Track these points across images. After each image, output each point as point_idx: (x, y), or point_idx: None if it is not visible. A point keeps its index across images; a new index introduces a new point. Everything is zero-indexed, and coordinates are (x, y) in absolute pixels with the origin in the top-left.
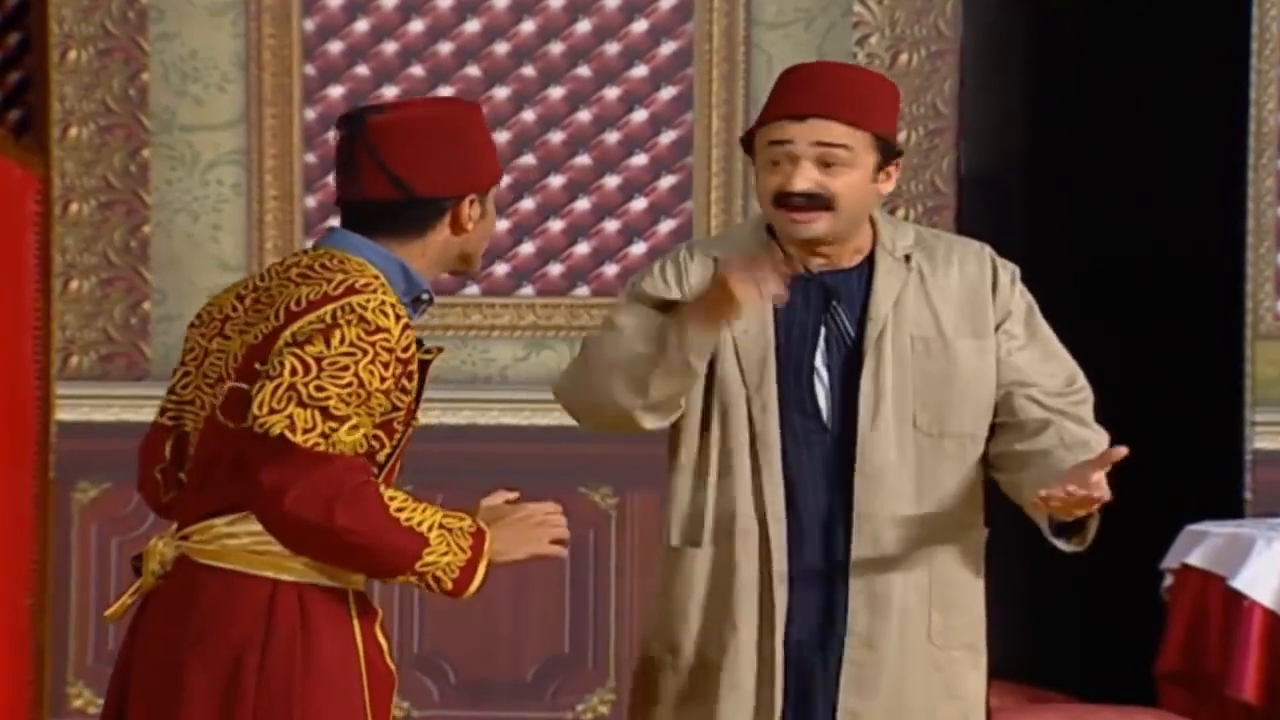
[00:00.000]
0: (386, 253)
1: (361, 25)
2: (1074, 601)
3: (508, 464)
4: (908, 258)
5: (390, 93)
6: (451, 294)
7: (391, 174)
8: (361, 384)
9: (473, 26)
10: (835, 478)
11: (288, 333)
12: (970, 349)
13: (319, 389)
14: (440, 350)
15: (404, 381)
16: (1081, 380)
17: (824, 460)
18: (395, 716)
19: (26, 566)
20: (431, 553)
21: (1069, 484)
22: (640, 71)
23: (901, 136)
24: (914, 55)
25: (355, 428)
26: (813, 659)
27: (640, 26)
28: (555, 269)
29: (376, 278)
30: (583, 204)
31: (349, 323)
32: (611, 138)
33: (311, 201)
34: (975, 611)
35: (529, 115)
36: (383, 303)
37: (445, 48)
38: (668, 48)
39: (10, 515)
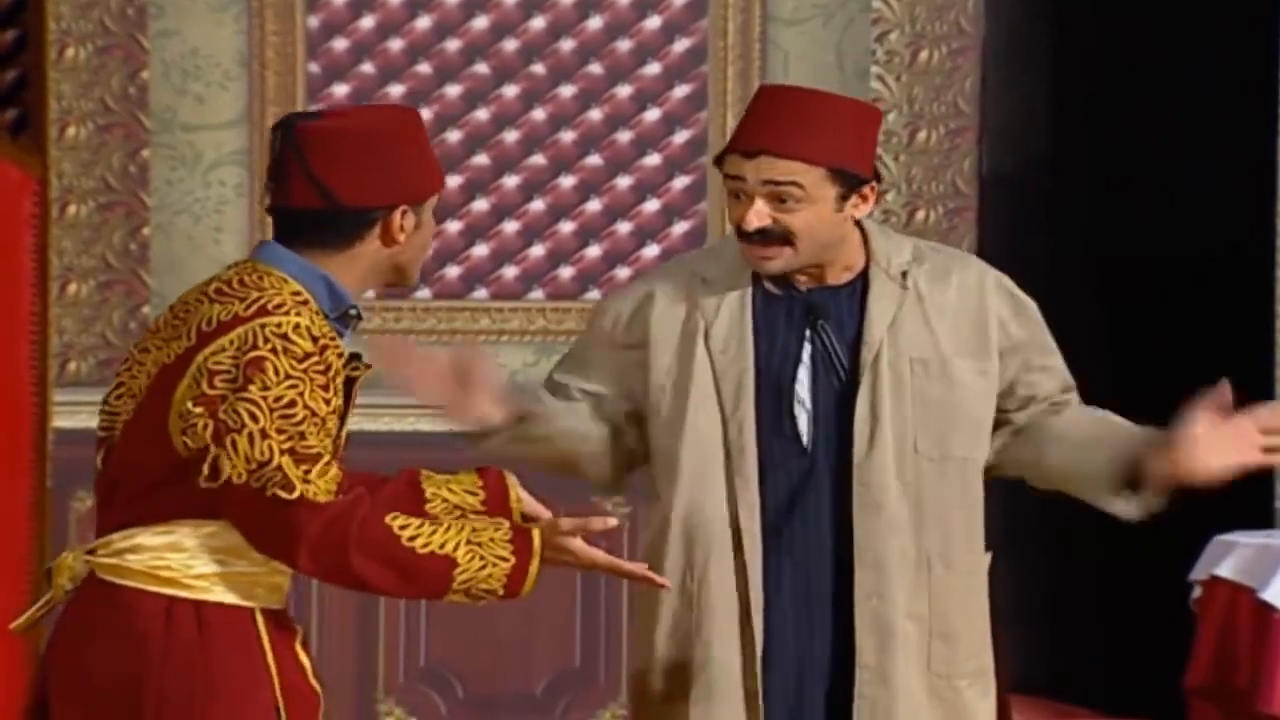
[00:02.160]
0: (311, 266)
1: (367, 22)
2: (1099, 614)
3: (518, 472)
4: (904, 274)
5: (397, 91)
6: (460, 298)
7: (318, 182)
8: (315, 414)
9: (481, 23)
10: (819, 504)
11: (200, 356)
12: (969, 370)
13: (279, 430)
14: (370, 367)
15: (335, 402)
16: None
17: (804, 485)
18: None
19: (23, 576)
20: (464, 570)
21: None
22: (653, 69)
23: (922, 136)
24: (934, 52)
25: (328, 463)
26: (803, 687)
27: (653, 23)
28: (566, 272)
29: (296, 294)
30: (594, 205)
31: (274, 352)
32: (624, 137)
33: None
34: (979, 639)
35: (539, 114)
36: (298, 325)
37: (453, 45)
38: (681, 45)
39: (7, 524)
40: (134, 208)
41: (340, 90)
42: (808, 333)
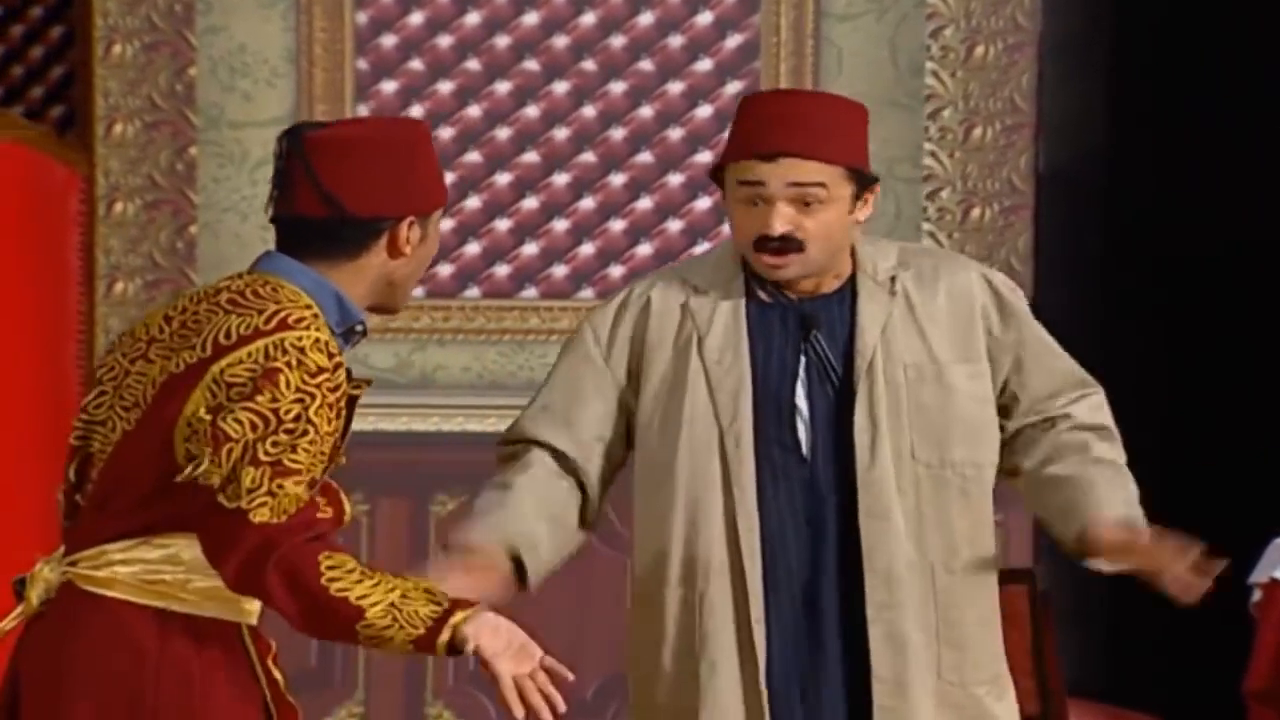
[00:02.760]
0: (321, 279)
1: (415, 18)
2: (1156, 617)
3: None
4: (892, 280)
5: (445, 88)
6: (508, 297)
7: (324, 191)
8: (317, 431)
9: (531, 19)
10: (822, 513)
11: (215, 368)
12: (963, 374)
13: (277, 445)
14: (369, 383)
15: (336, 423)
16: (1081, 382)
17: (805, 495)
18: None
19: None
20: (368, 625)
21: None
22: (705, 65)
23: (977, 132)
24: (991, 48)
25: (307, 481)
26: (814, 701)
27: (705, 19)
28: (616, 270)
29: (309, 308)
30: (644, 203)
31: (289, 365)
32: (674, 134)
33: None
34: (992, 647)
35: (589, 110)
36: (317, 340)
37: (502, 41)
38: (733, 41)
39: (55, 520)
40: (181, 206)
41: (389, 87)
42: (802, 343)
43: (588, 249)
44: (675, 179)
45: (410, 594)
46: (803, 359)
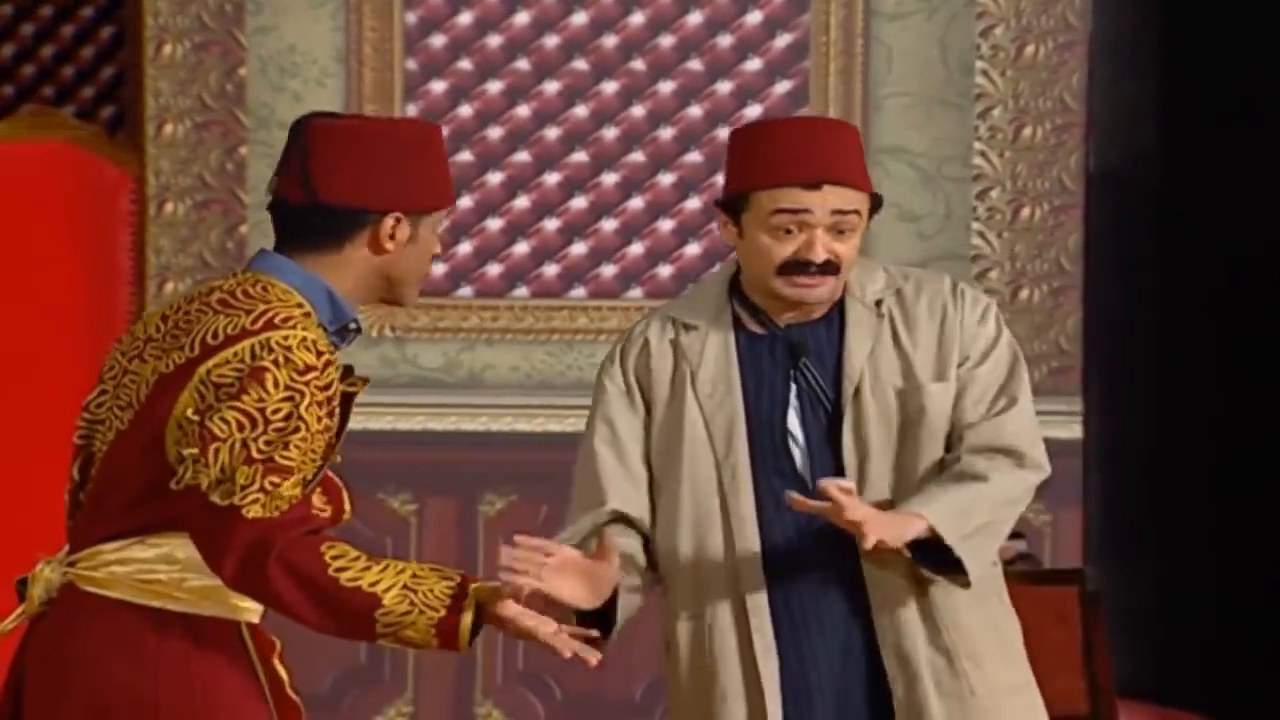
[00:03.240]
0: (312, 276)
1: (465, 18)
2: (1207, 618)
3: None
4: (878, 303)
5: (495, 87)
6: (556, 297)
7: (306, 176)
8: (308, 429)
9: (580, 19)
10: (822, 539)
11: (203, 368)
12: (937, 391)
13: (269, 444)
14: (366, 381)
15: (328, 420)
16: (1008, 403)
17: (807, 521)
18: None
19: None
20: (388, 613)
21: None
22: (754, 65)
23: (1027, 132)
24: (1041, 47)
25: (301, 480)
26: None
27: (754, 18)
28: (664, 270)
29: (300, 306)
30: (693, 203)
31: (276, 364)
32: (723, 134)
33: None
34: (1011, 653)
35: (638, 110)
36: (304, 339)
37: (551, 41)
38: (782, 40)
39: None
40: (231, 206)
41: (438, 87)
42: (792, 371)
43: (636, 249)
44: (722, 179)
45: (420, 574)
46: (793, 386)
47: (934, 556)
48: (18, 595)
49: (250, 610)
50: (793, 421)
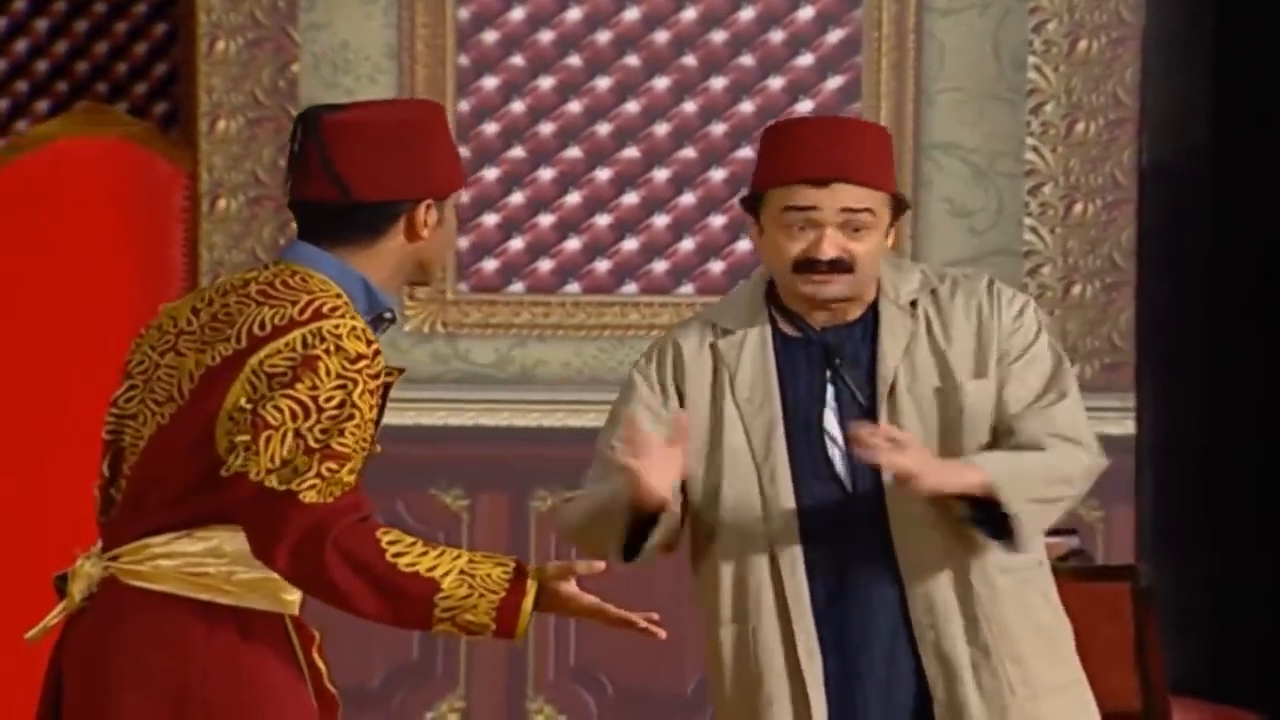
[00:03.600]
0: (347, 267)
1: (517, 13)
2: (1259, 614)
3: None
4: (913, 304)
5: (546, 83)
6: (608, 292)
7: (336, 175)
8: (361, 416)
9: (632, 14)
10: (865, 541)
11: (254, 360)
12: (975, 389)
13: (324, 431)
14: (401, 371)
15: (375, 409)
16: (1057, 397)
17: (851, 525)
18: None
19: None
20: (447, 597)
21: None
22: (806, 60)
23: (1080, 127)
24: (1094, 42)
25: (356, 467)
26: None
27: (806, 14)
28: (716, 266)
29: (339, 296)
30: None
31: (328, 352)
32: None
33: (465, 196)
34: (1057, 651)
35: (690, 107)
36: (354, 328)
37: (603, 36)
38: (835, 35)
39: None
40: (283, 202)
41: (490, 83)
42: (828, 373)
43: (688, 244)
44: None
45: (476, 559)
46: (830, 388)
47: (982, 519)
48: (56, 592)
49: (293, 603)
50: (830, 422)
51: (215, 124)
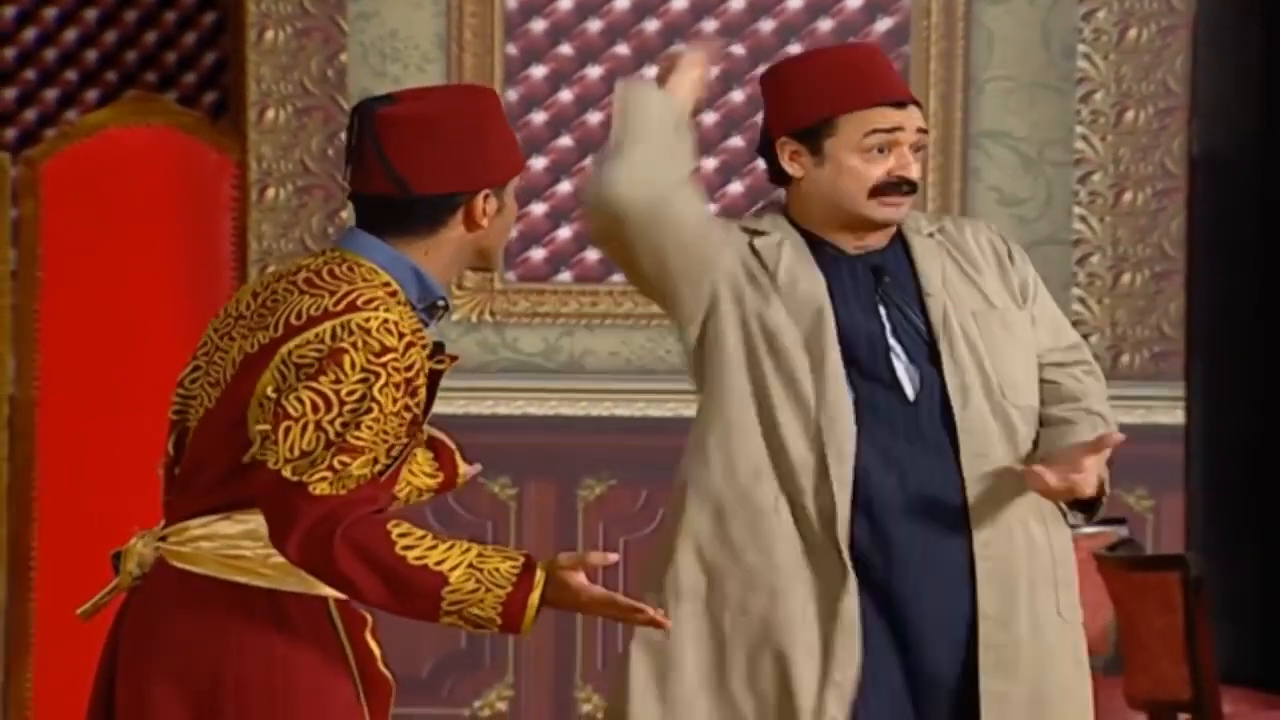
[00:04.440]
0: (400, 256)
1: (565, 3)
2: None
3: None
4: (930, 235)
5: (594, 72)
6: None
7: (393, 171)
8: (381, 410)
9: (680, 3)
10: (929, 452)
11: (285, 349)
12: (1019, 318)
13: (344, 424)
14: (455, 359)
15: (408, 400)
16: (1083, 347)
17: (911, 432)
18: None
19: None
20: (454, 590)
21: (1056, 469)
22: None
23: (1129, 115)
24: (1144, 30)
25: (371, 460)
26: (928, 640)
27: (855, 2)
28: None
29: (386, 285)
30: None
31: (354, 346)
32: None
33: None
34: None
35: (738, 96)
36: (385, 321)
37: (651, 25)
38: (883, 24)
39: None
40: (332, 191)
41: (538, 72)
42: (878, 290)
43: None
44: None
45: (485, 553)
46: (883, 308)
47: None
48: (113, 569)
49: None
50: (891, 338)
51: (264, 113)
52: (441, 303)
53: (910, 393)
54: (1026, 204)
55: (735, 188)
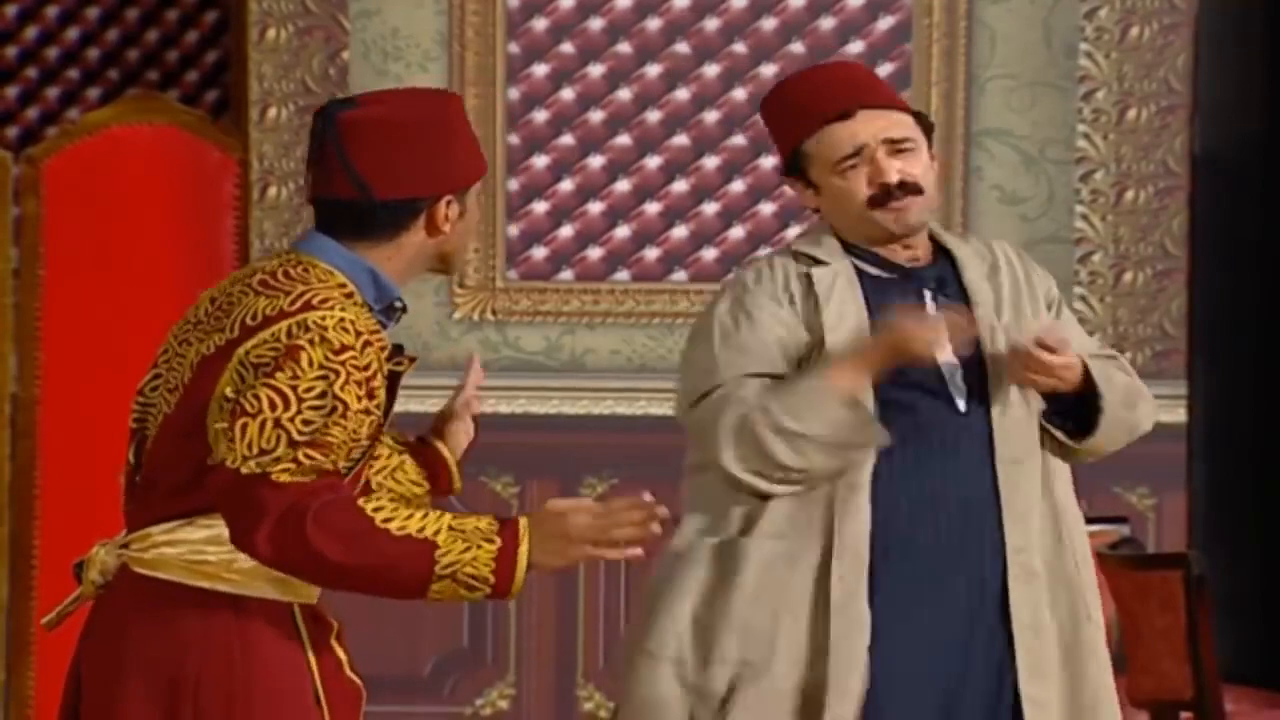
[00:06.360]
0: (356, 258)
1: (567, 1)
2: None
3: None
4: (984, 258)
5: (596, 71)
6: (657, 280)
7: (354, 175)
8: (348, 409)
9: (682, 1)
10: (970, 458)
11: (241, 350)
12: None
13: (306, 422)
14: (413, 360)
15: (366, 400)
16: (1121, 359)
17: (957, 438)
18: (601, 717)
19: None
20: (446, 553)
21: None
22: (857, 47)
23: (1131, 114)
24: (1145, 28)
25: (335, 458)
26: (964, 643)
27: (856, 1)
28: (765, 253)
29: (342, 287)
30: None
31: (311, 343)
32: None
33: (514, 184)
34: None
35: (739, 94)
36: (342, 319)
37: (653, 24)
38: (885, 22)
39: None
40: None
41: (540, 70)
42: (930, 304)
43: (737, 232)
44: None
45: (458, 516)
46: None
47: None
48: (75, 579)
49: (303, 592)
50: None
51: (266, 112)
52: (399, 304)
53: (961, 404)
54: (1028, 202)
55: (737, 186)
